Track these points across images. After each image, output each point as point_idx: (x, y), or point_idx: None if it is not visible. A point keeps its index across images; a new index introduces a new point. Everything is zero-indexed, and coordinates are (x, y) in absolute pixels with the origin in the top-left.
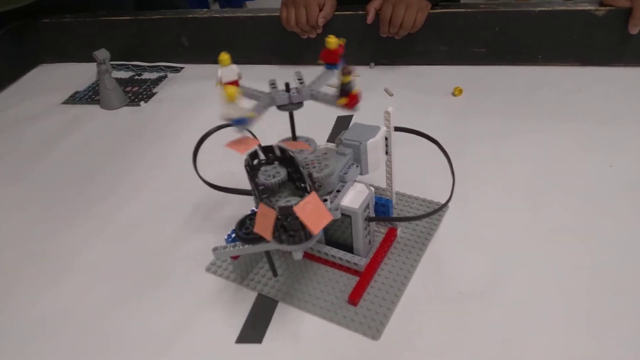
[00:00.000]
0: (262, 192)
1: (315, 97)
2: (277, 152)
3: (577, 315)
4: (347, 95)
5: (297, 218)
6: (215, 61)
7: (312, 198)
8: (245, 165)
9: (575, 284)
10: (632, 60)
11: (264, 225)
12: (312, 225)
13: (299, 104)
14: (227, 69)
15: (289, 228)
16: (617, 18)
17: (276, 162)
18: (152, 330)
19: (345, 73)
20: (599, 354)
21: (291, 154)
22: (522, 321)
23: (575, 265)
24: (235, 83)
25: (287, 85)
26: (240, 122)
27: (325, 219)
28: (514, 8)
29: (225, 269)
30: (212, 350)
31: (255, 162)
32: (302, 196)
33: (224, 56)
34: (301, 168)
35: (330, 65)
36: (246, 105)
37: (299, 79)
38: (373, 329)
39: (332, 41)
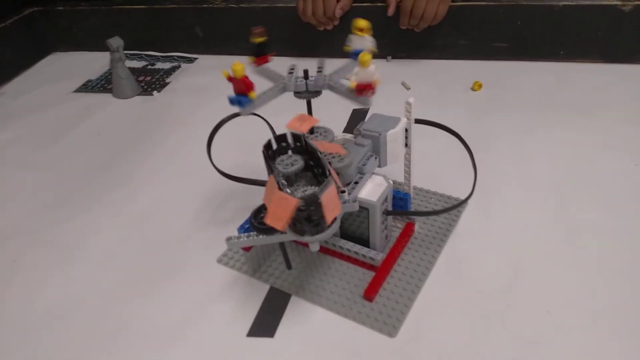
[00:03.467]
0: (282, 184)
1: (332, 87)
2: (293, 141)
3: (602, 316)
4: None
5: (320, 206)
6: (229, 52)
7: (332, 189)
8: (263, 152)
9: (601, 284)
10: None
11: (280, 215)
12: (329, 215)
13: (317, 93)
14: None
15: (315, 216)
16: None
17: (290, 151)
18: (162, 322)
19: (255, 34)
20: (626, 356)
21: (308, 141)
22: (545, 322)
23: (600, 265)
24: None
25: (305, 72)
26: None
27: (337, 210)
28: (537, 2)
29: (237, 260)
30: (223, 343)
31: (271, 150)
32: (319, 183)
33: (362, 22)
34: (319, 154)
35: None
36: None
37: (318, 67)
38: (389, 326)
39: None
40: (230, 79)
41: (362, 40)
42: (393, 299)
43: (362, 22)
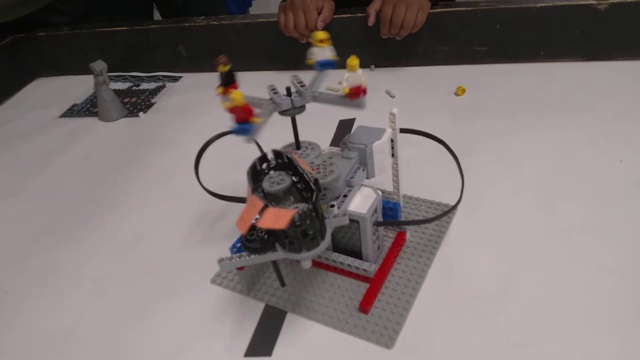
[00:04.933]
0: (266, 199)
1: (317, 98)
2: (280, 159)
3: (596, 316)
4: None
5: (296, 226)
6: (213, 69)
7: (275, 209)
8: (248, 173)
9: (593, 283)
10: (636, 53)
11: (246, 219)
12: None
13: (302, 108)
14: (354, 75)
15: (309, 230)
16: (620, 11)
17: (277, 169)
18: (159, 346)
19: (220, 63)
20: (621, 356)
21: (292, 160)
22: (540, 324)
23: (592, 264)
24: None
25: (288, 89)
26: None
27: (284, 220)
28: (514, 5)
29: (231, 280)
30: None
31: (260, 168)
32: (304, 200)
33: (321, 34)
34: (304, 175)
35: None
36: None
37: (298, 82)
38: (386, 337)
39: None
40: (231, 109)
41: (323, 50)
42: (388, 310)
43: (321, 34)
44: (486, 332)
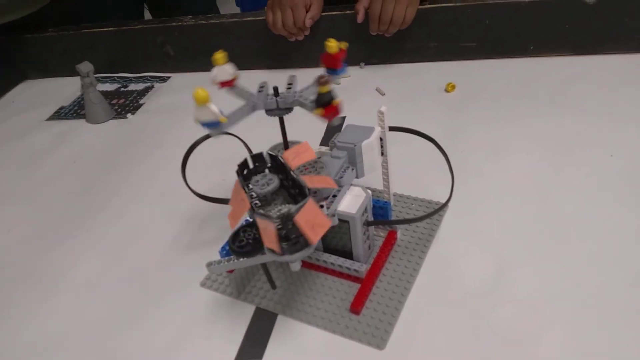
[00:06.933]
0: (256, 205)
1: (301, 104)
2: (268, 160)
3: (589, 311)
4: (324, 106)
5: (279, 229)
6: (201, 69)
7: (310, 205)
8: (237, 173)
9: (585, 277)
10: (625, 47)
11: (270, 239)
12: (312, 234)
13: (287, 110)
14: (221, 69)
15: (291, 235)
16: (609, 5)
17: (267, 170)
18: (148, 350)
19: (322, 83)
20: (614, 349)
21: (281, 160)
22: (533, 319)
23: (584, 257)
24: (229, 83)
25: (275, 89)
26: (210, 126)
27: (324, 226)
28: (503, 0)
29: (221, 282)
30: None
31: (246, 171)
32: (296, 202)
33: (218, 55)
34: (292, 174)
35: (332, 70)
36: (215, 109)
37: (288, 84)
38: (378, 338)
39: (333, 45)
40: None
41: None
42: (380, 310)
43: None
44: (479, 329)
